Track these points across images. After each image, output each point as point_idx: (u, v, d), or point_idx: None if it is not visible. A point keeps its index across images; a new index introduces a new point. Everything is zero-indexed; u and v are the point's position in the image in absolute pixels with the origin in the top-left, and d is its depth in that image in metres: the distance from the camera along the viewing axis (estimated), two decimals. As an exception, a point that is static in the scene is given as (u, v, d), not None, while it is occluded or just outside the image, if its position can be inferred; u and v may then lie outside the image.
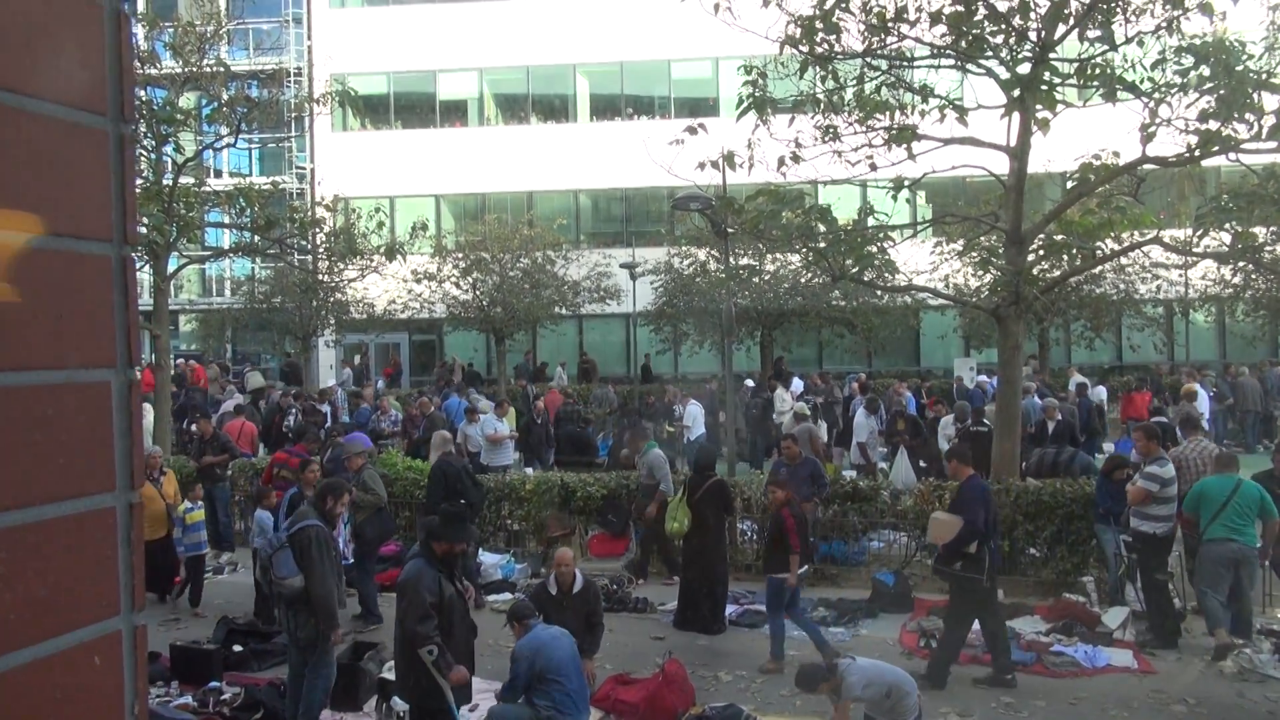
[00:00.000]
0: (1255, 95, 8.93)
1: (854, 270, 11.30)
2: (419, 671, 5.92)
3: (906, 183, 10.42)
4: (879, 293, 19.94)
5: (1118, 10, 9.53)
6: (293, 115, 22.39)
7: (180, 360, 26.57)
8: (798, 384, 21.29)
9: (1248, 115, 8.99)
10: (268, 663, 8.64)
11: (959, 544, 7.89)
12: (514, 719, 6.51)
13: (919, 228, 12.89)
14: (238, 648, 8.71)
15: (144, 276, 15.28)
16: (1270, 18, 10.16)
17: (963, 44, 9.84)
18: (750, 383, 20.70)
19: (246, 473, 13.67)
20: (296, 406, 18.50)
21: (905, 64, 10.71)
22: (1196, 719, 7.20)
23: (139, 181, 15.08)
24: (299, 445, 11.83)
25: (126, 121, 0.99)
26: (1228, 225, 10.09)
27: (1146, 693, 7.71)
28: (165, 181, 15.07)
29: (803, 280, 22.16)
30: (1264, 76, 9.11)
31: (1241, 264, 18.61)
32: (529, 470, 14.58)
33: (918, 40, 10.26)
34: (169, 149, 15.74)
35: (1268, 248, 14.09)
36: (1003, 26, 9.72)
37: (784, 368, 24.39)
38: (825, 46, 10.16)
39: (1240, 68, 8.99)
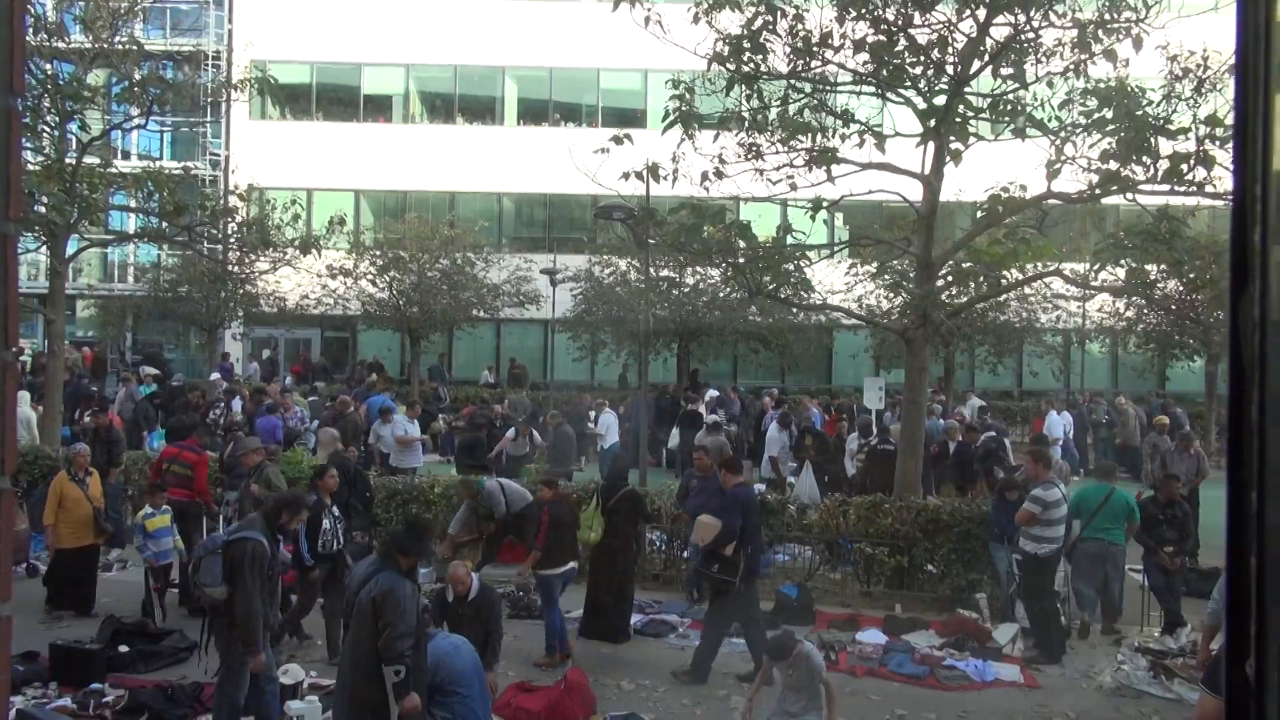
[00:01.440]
0: (1152, 139, 9.42)
1: (771, 287, 11.50)
2: (373, 687, 5.50)
3: (825, 204, 10.67)
4: (794, 310, 20.31)
5: (1030, 51, 9.95)
6: (208, 100, 21.69)
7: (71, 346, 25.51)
8: (712, 394, 21.51)
9: (1145, 158, 9.49)
10: (155, 665, 8.31)
11: (716, 546, 8.38)
12: None
13: (835, 249, 13.23)
14: (124, 648, 8.36)
15: (40, 258, 14.62)
16: (1169, 68, 10.72)
17: (883, 73, 10.14)
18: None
19: (140, 465, 13.18)
20: (222, 400, 18.00)
21: (828, 88, 10.97)
22: (1076, 732, 7.51)
23: (39, 159, 14.43)
24: (191, 439, 11.38)
25: (14, 95, 0.96)
26: (1123, 261, 10.61)
27: (1031, 706, 8.01)
28: (68, 160, 14.45)
29: (721, 295, 22.43)
30: (1161, 122, 9.61)
31: (1134, 298, 19.56)
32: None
33: (841, 66, 10.53)
34: (74, 126, 15.09)
35: (1159, 284, 14.85)
36: (922, 59, 10.05)
37: (699, 379, 24.62)
38: (751, 66, 10.35)
39: (1140, 113, 9.49)
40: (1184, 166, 9.36)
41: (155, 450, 14.36)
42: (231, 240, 17.57)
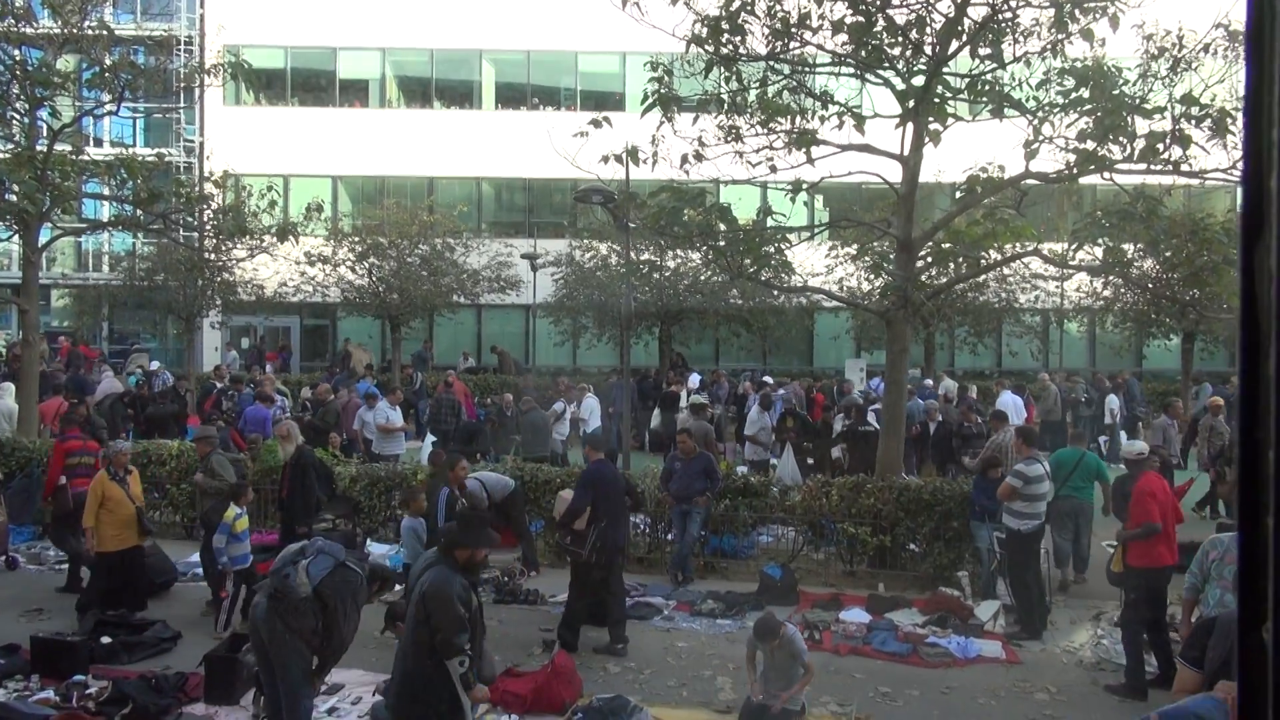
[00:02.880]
0: (1129, 119, 9.47)
1: (752, 269, 11.51)
2: (436, 685, 5.39)
3: (805, 186, 10.66)
4: (775, 293, 20.35)
5: (1007, 31, 9.96)
6: (181, 85, 21.39)
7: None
8: (695, 379, 21.55)
9: (1121, 137, 9.54)
10: (138, 655, 8.27)
11: (565, 519, 8.89)
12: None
13: (815, 230, 13.22)
14: (106, 639, 8.31)
15: (12, 247, 14.42)
16: (1145, 47, 10.76)
17: (862, 54, 10.13)
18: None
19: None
20: (231, 388, 17.89)
21: (807, 70, 10.95)
22: (1057, 706, 7.61)
23: (9, 146, 14.21)
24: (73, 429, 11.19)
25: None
26: (1101, 241, 10.67)
27: (1013, 682, 8.11)
28: (39, 147, 14.23)
29: (702, 278, 22.43)
30: (1137, 102, 9.66)
31: (1112, 278, 19.70)
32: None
33: (819, 47, 10.51)
34: (44, 113, 14.87)
35: (1136, 263, 14.96)
36: (900, 39, 10.05)
37: (685, 363, 24.65)
38: (730, 48, 10.31)
39: (1116, 92, 9.53)
40: (1160, 145, 9.42)
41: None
42: (207, 228, 17.40)
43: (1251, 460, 1.17)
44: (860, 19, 9.76)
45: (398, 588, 9.96)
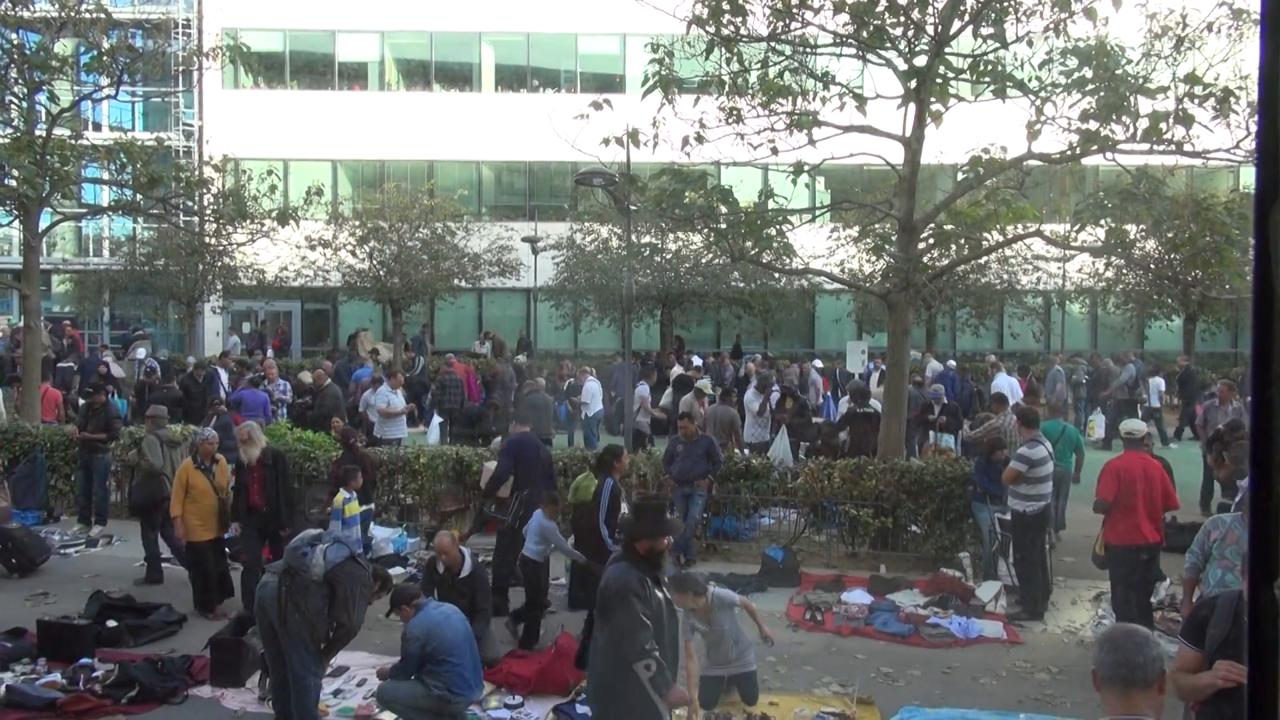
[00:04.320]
0: (1131, 99, 9.42)
1: (753, 252, 11.48)
2: (629, 689, 4.98)
3: (806, 168, 10.62)
4: (777, 275, 20.31)
5: (1010, 10, 9.89)
6: (180, 69, 21.32)
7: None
8: (696, 362, 21.54)
9: (1124, 117, 9.49)
10: (144, 638, 8.32)
11: (490, 487, 9.49)
12: (406, 696, 6.46)
13: (817, 213, 13.18)
14: (112, 623, 8.35)
15: (13, 233, 14.41)
16: (1148, 26, 10.69)
17: (863, 34, 10.06)
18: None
19: (122, 442, 13.11)
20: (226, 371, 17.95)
21: (808, 50, 10.88)
22: (1058, 685, 7.65)
23: (8, 131, 14.17)
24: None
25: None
26: (1103, 221, 10.63)
27: (1014, 662, 8.15)
28: (38, 132, 14.19)
29: (703, 260, 22.41)
30: (1140, 81, 9.61)
31: (1114, 259, 19.67)
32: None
33: (821, 28, 10.44)
34: (42, 97, 14.81)
35: (1138, 244, 14.91)
36: (902, 19, 9.98)
37: (680, 346, 24.64)
38: (731, 28, 10.25)
39: (1119, 71, 9.48)
40: (1163, 125, 9.36)
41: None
42: (208, 212, 17.37)
43: (1265, 419, 1.17)
44: (862, -1, 9.70)
45: (399, 569, 10.06)
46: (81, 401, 14.06)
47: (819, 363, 21.95)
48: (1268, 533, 1.17)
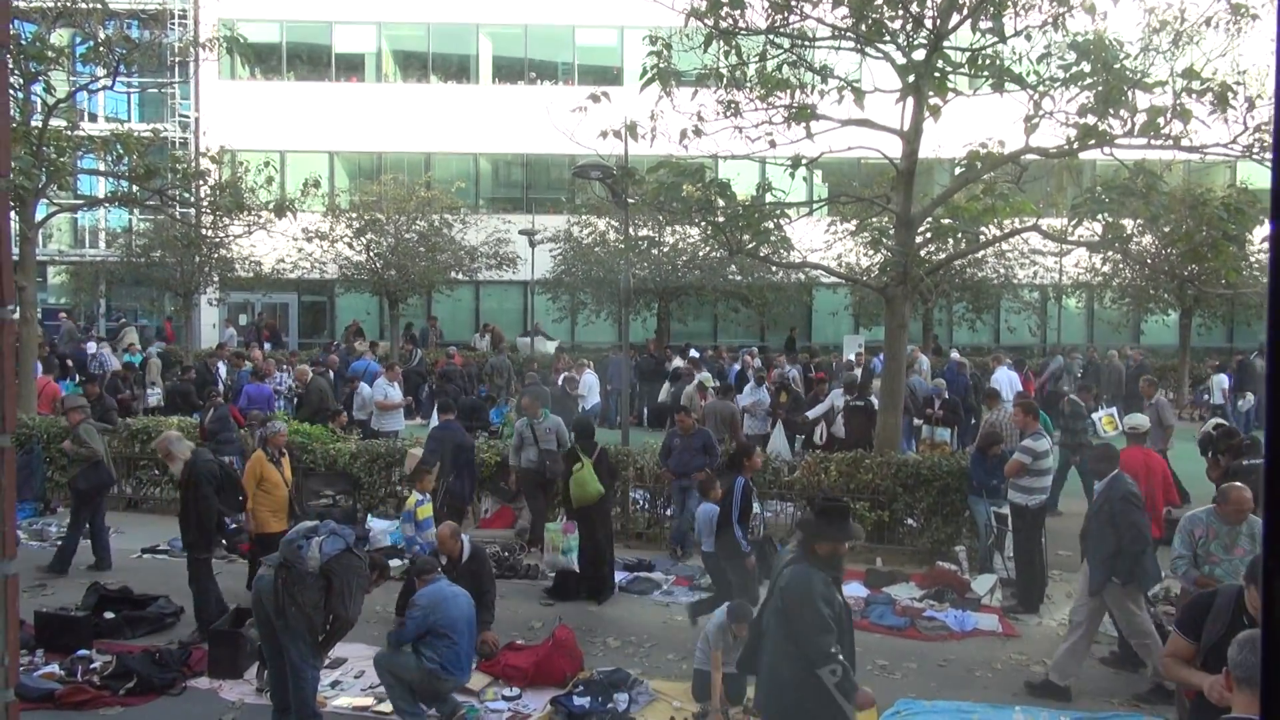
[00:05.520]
0: (1129, 93, 9.42)
1: (751, 245, 11.48)
2: (811, 694, 4.86)
3: (804, 161, 10.62)
4: (774, 269, 20.32)
5: (1008, 4, 9.89)
6: (176, 60, 21.24)
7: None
8: (693, 354, 21.55)
9: (1122, 112, 9.50)
10: (141, 630, 8.33)
11: (414, 474, 9.70)
12: (401, 667, 6.51)
13: (814, 206, 13.16)
14: (109, 615, 8.37)
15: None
16: (1146, 20, 10.69)
17: (862, 27, 10.05)
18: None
19: (120, 434, 13.11)
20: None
21: (806, 44, 10.87)
22: (1052, 678, 7.68)
23: (4, 122, 14.09)
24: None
25: (1, 47, 0.95)
26: (1100, 216, 10.64)
27: (1009, 654, 8.19)
28: (34, 123, 14.14)
29: (700, 254, 22.39)
30: (1138, 76, 9.61)
31: (1111, 253, 19.69)
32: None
33: (819, 21, 10.43)
34: (38, 88, 14.76)
35: (1135, 239, 14.94)
36: (900, 13, 9.97)
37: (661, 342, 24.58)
38: (729, 21, 10.23)
39: (1117, 66, 9.48)
40: (1161, 120, 9.38)
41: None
42: (204, 204, 17.32)
43: None
44: (860, -8, 9.68)
45: (397, 561, 10.07)
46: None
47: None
48: None
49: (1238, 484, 6.60)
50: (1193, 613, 4.39)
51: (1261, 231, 10.52)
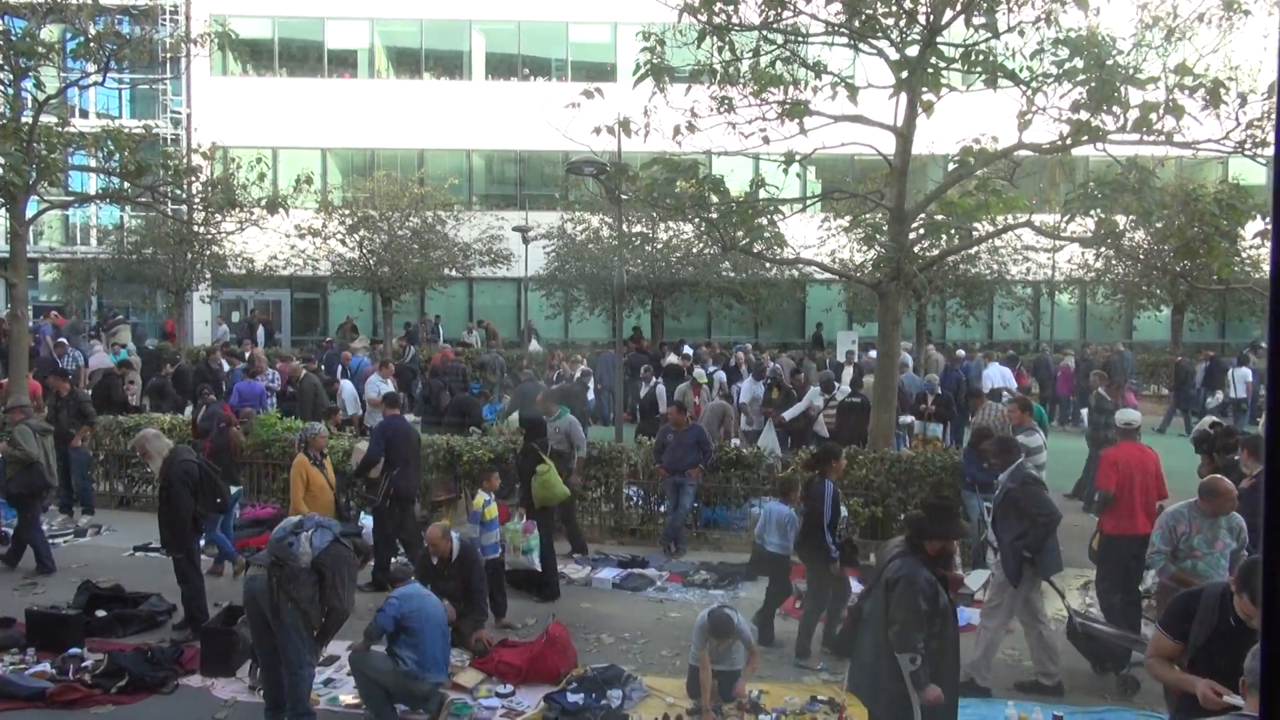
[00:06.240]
0: (1122, 89, 9.43)
1: (744, 242, 11.47)
2: (889, 675, 5.08)
3: (798, 157, 10.60)
4: (768, 265, 20.32)
5: (1001, 0, 9.88)
6: (167, 55, 21.17)
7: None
8: (687, 352, 21.55)
9: (1115, 108, 9.50)
10: (133, 628, 8.30)
11: (362, 468, 9.91)
12: (375, 669, 6.52)
13: (808, 202, 13.15)
14: (101, 613, 8.33)
15: (-1, 220, 14.29)
16: (1139, 16, 10.70)
17: (855, 23, 10.04)
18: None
19: (113, 431, 13.07)
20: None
21: (800, 39, 10.86)
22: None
23: (-7, 118, 14.02)
24: None
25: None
26: (1093, 212, 10.66)
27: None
28: (25, 119, 14.06)
29: (694, 250, 22.38)
30: (1130, 72, 9.61)
31: (1103, 249, 19.74)
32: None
33: (813, 17, 10.42)
34: (28, 84, 14.67)
35: (1127, 235, 14.96)
36: (894, 8, 9.97)
37: (640, 337, 24.57)
38: (723, 17, 10.21)
39: (1110, 62, 9.48)
40: (1153, 116, 9.39)
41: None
42: (196, 200, 17.24)
43: None
44: (854, -12, 9.67)
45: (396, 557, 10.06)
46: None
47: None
48: None
49: (1220, 476, 6.63)
50: (1177, 612, 4.39)
51: (1254, 227, 10.53)
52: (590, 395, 17.45)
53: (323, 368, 17.60)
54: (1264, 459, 1.24)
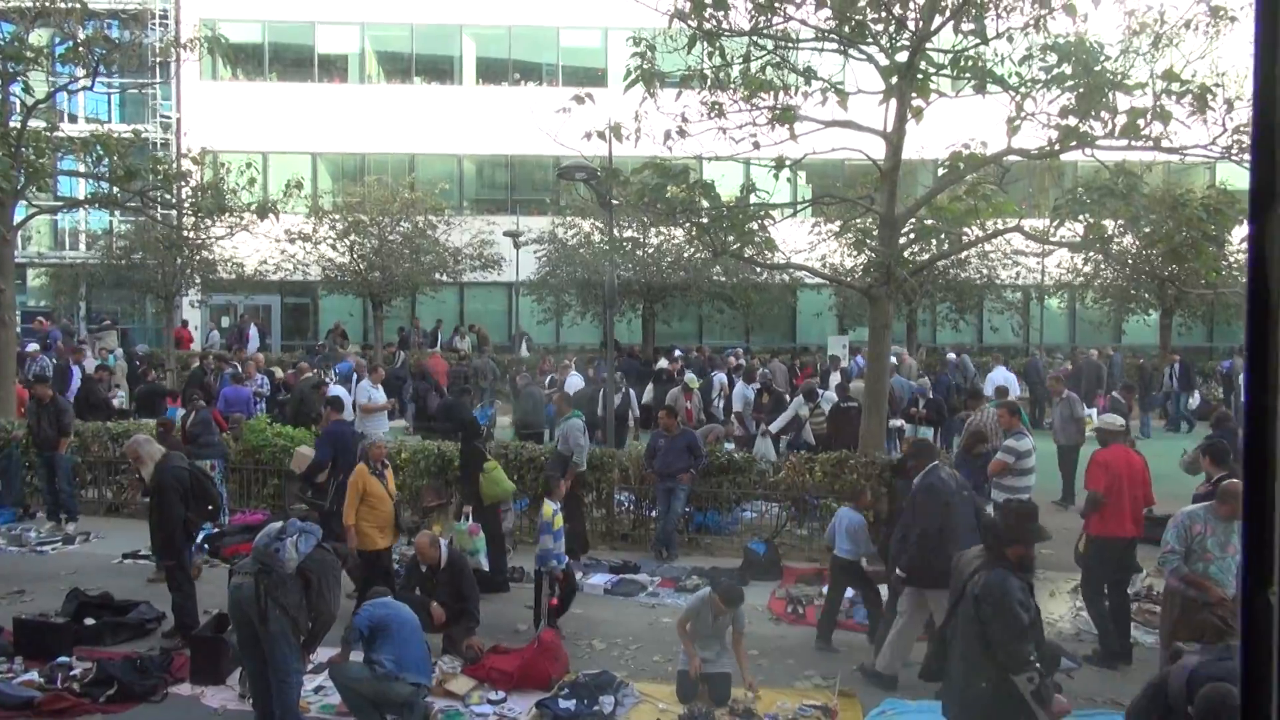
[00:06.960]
0: (1110, 95, 9.49)
1: (735, 246, 11.49)
2: (1003, 699, 4.73)
3: (788, 162, 10.63)
4: (758, 270, 20.35)
5: (990, 6, 9.94)
6: (157, 60, 21.09)
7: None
8: (678, 353, 21.56)
9: (1103, 113, 9.56)
10: (122, 636, 8.25)
11: (309, 473, 9.99)
12: (352, 679, 6.48)
13: (799, 207, 13.18)
14: (90, 621, 8.27)
15: (-13, 226, 14.22)
16: (1126, 22, 10.76)
17: (845, 29, 10.08)
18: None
19: (101, 437, 13.00)
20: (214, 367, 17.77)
21: (790, 45, 10.89)
22: (1036, 677, 7.70)
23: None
24: None
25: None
26: (1082, 217, 10.71)
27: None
28: (13, 124, 14.01)
29: (685, 255, 22.40)
30: (1118, 77, 9.68)
31: (1092, 254, 19.82)
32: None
33: (803, 22, 10.45)
34: (17, 89, 14.62)
35: (1116, 240, 15.03)
36: (883, 14, 10.01)
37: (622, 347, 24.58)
38: (713, 22, 10.24)
39: (1098, 68, 9.54)
40: (1141, 122, 9.44)
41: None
42: (186, 205, 17.20)
43: (1260, 424, 1.17)
44: (843, -6, 9.71)
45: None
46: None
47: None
48: (1262, 539, 1.17)
49: (1235, 479, 6.63)
50: (1147, 705, 4.37)
51: (1240, 232, 10.61)
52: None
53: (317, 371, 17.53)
54: (1242, 462, 1.24)
